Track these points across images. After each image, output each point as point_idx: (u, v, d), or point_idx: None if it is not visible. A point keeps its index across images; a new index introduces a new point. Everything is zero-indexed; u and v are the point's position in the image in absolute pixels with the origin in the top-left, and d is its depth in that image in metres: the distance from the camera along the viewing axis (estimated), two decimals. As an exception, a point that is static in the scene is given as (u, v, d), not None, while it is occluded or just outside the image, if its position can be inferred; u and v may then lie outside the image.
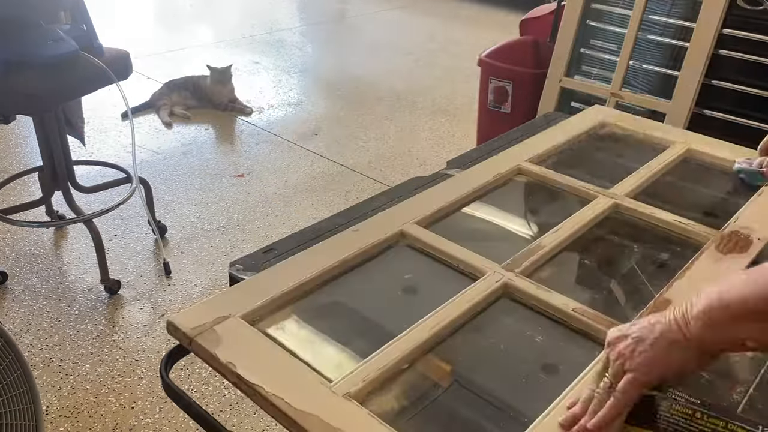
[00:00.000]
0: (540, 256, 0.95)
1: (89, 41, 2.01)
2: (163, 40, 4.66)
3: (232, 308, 0.79)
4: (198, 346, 0.74)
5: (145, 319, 2.10)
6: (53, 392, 1.82)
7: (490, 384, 0.76)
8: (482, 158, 1.25)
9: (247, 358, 0.72)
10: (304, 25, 5.33)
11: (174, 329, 0.76)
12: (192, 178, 2.93)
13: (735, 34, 2.17)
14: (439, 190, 1.10)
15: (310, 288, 0.87)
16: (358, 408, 0.67)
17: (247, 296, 0.81)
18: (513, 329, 0.84)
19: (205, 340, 0.74)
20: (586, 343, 0.80)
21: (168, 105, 3.50)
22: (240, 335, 0.75)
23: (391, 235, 0.97)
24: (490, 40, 3.14)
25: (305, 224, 1.01)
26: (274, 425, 1.76)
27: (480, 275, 0.90)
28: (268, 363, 0.72)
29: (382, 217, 1.01)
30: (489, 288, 0.87)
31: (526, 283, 0.89)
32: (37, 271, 2.28)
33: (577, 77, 2.54)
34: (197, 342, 0.74)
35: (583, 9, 2.47)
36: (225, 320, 0.77)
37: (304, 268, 0.88)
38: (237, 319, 0.78)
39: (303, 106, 3.76)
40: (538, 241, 0.98)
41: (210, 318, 0.77)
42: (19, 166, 2.92)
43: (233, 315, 0.78)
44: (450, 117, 3.72)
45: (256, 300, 0.81)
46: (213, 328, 0.76)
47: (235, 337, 0.75)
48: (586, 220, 1.03)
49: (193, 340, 0.74)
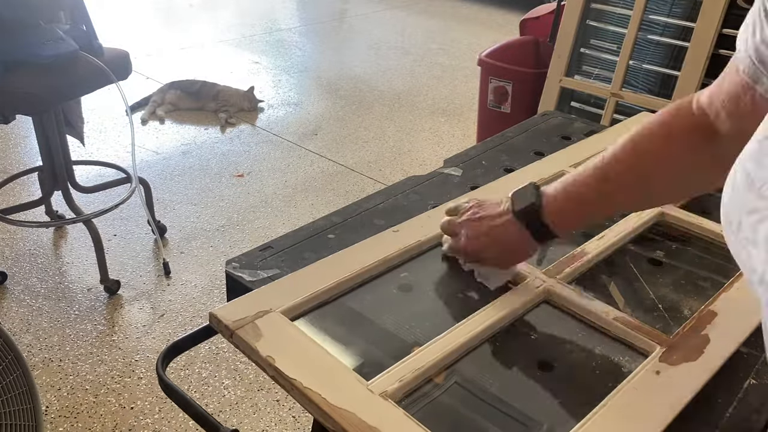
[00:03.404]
0: (582, 263, 0.93)
1: (89, 41, 2.01)
2: (163, 40, 4.66)
3: (273, 303, 0.80)
4: (239, 338, 0.75)
5: (145, 319, 2.10)
6: (53, 392, 1.82)
7: (527, 390, 0.75)
8: (481, 157, 1.25)
9: (285, 353, 0.73)
10: (304, 24, 5.33)
11: (216, 321, 0.77)
12: (192, 178, 2.93)
13: (735, 34, 2.17)
14: (484, 191, 1.09)
15: (350, 286, 0.87)
16: (395, 408, 0.67)
17: (287, 292, 0.82)
18: (552, 336, 0.83)
19: (246, 333, 0.75)
20: (627, 352, 0.79)
21: (156, 104, 3.50)
22: (280, 330, 0.76)
23: (432, 237, 0.96)
24: (490, 40, 3.14)
25: (305, 224, 1.01)
26: (274, 425, 1.76)
27: (520, 280, 0.89)
28: (305, 358, 0.72)
29: (423, 218, 1.01)
30: (529, 294, 0.86)
31: (567, 290, 0.87)
32: (37, 271, 2.28)
33: (577, 77, 2.54)
34: (238, 335, 0.75)
35: (583, 9, 2.47)
36: (266, 314, 0.78)
37: (344, 265, 0.88)
38: (277, 314, 0.78)
39: (303, 106, 3.76)
40: (582, 247, 0.96)
41: (251, 312, 0.78)
42: (19, 166, 2.92)
43: (274, 310, 0.79)
44: (450, 117, 3.72)
45: (297, 296, 0.82)
46: (254, 322, 0.76)
47: (274, 332, 0.76)
48: (630, 228, 1.02)
49: (234, 332, 0.75)
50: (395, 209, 1.07)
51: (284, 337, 0.75)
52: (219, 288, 2.24)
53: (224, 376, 1.89)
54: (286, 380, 0.70)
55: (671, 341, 0.78)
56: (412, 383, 0.71)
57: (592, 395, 0.71)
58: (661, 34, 2.35)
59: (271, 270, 0.89)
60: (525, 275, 0.89)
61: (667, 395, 0.70)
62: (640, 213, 1.05)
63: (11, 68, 1.87)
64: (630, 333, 0.80)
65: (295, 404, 1.80)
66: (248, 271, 0.89)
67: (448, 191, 1.12)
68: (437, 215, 0.99)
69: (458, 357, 0.77)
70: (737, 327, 0.81)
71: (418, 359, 0.74)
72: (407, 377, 0.71)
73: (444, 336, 0.78)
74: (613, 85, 2.42)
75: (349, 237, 0.98)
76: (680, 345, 0.78)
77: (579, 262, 0.93)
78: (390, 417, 0.66)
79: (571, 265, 0.92)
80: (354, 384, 0.70)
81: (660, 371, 0.73)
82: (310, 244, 0.96)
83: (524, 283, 0.88)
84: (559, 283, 0.88)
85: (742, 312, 0.83)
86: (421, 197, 1.09)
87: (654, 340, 0.78)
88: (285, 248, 0.94)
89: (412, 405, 0.69)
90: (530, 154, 1.25)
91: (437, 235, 0.97)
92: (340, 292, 0.85)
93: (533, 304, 0.86)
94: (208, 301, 2.18)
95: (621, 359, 0.78)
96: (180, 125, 3.43)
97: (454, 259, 0.93)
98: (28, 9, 1.90)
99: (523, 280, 0.89)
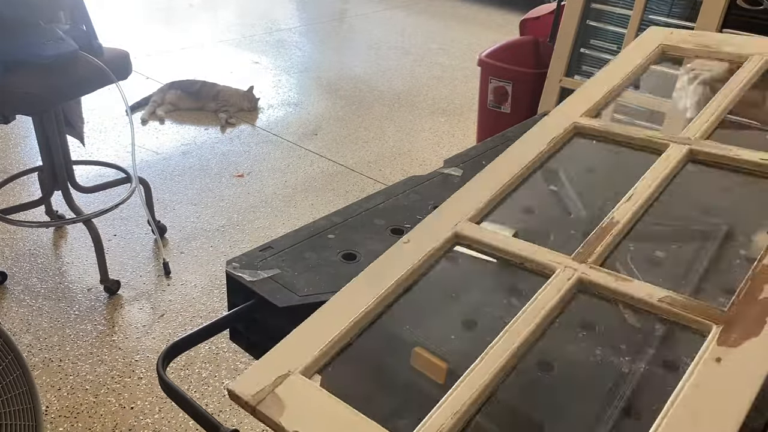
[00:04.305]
0: (614, 236, 0.83)
1: (89, 41, 2.01)
2: (163, 40, 4.66)
3: (290, 363, 0.74)
4: (262, 415, 0.69)
5: (145, 320, 2.10)
6: (53, 392, 1.82)
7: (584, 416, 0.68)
8: (481, 157, 1.25)
9: (313, 424, 0.67)
10: (304, 24, 5.33)
11: (235, 397, 0.72)
12: (192, 178, 2.93)
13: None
14: (487, 174, 0.99)
15: (367, 325, 0.80)
16: None
17: (303, 347, 0.76)
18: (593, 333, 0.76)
19: (268, 407, 0.69)
20: (681, 336, 0.71)
21: (156, 104, 3.50)
22: (303, 397, 0.70)
23: (445, 241, 0.88)
24: (490, 40, 3.14)
25: (305, 224, 1.01)
26: (274, 425, 1.76)
27: (550, 273, 0.80)
28: (334, 426, 0.68)
29: (432, 218, 0.93)
30: (561, 289, 0.77)
31: (602, 275, 0.78)
32: (37, 271, 2.28)
33: (577, 77, 2.54)
34: (260, 411, 0.69)
35: (583, 9, 2.47)
36: (285, 379, 0.72)
37: (357, 301, 0.80)
38: (297, 375, 0.72)
39: (303, 106, 3.76)
40: (610, 216, 0.86)
41: (270, 380, 0.72)
42: (19, 166, 2.92)
43: (292, 372, 0.73)
44: (449, 117, 3.72)
45: (313, 350, 0.76)
46: (274, 391, 0.71)
47: (298, 400, 0.70)
48: (659, 179, 0.88)
49: (256, 408, 0.70)
50: (395, 209, 1.07)
51: (309, 405, 0.69)
52: (219, 288, 2.24)
53: (224, 376, 1.89)
54: None
55: (727, 316, 0.69)
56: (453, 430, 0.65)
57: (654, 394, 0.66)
58: (661, 34, 2.35)
59: (272, 270, 0.89)
60: (554, 266, 0.80)
61: (733, 389, 0.62)
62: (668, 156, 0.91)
63: (11, 68, 1.87)
64: (680, 314, 0.71)
65: (295, 404, 1.80)
66: (248, 271, 0.89)
67: (448, 191, 1.12)
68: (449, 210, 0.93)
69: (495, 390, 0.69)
70: None
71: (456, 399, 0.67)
72: (446, 425, 0.65)
73: (474, 369, 0.70)
74: (613, 85, 2.41)
75: (350, 237, 0.98)
76: (738, 319, 0.68)
77: (610, 236, 0.83)
78: None
79: (603, 241, 0.82)
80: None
81: (721, 357, 0.65)
82: (310, 244, 0.96)
83: (554, 277, 0.79)
84: (592, 268, 0.79)
85: None
86: (421, 197, 1.09)
87: (708, 319, 0.69)
88: (285, 248, 0.94)
89: None
90: (530, 154, 1.25)
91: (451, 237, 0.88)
92: (358, 333, 0.79)
93: (569, 298, 0.77)
94: (208, 301, 2.18)
95: (675, 347, 0.70)
96: (180, 125, 3.43)
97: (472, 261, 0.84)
98: (28, 9, 1.90)
99: (552, 272, 0.80)
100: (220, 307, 2.16)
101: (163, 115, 3.45)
